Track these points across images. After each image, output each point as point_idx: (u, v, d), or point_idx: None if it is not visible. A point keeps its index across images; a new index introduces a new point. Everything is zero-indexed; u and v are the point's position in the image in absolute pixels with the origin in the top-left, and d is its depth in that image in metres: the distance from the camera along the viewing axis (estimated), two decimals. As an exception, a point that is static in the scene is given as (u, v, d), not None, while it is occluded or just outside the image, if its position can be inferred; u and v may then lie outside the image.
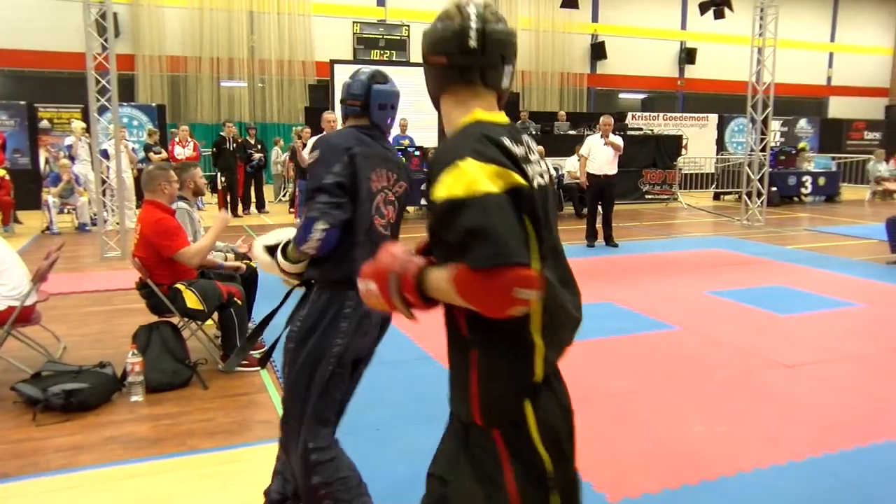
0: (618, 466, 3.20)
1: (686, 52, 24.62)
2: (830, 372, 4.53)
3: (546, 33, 22.43)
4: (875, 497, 2.96)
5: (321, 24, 20.22)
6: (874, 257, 8.68)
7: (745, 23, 13.82)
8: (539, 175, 1.56)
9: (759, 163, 12.25)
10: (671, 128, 18.34)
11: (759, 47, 12.06)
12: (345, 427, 3.61)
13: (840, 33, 27.60)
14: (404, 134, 14.25)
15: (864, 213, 14.04)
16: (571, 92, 23.10)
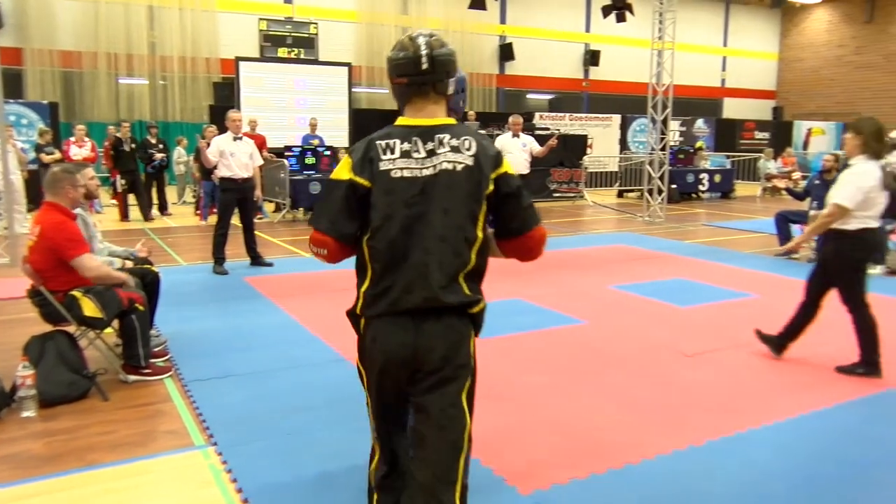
0: (529, 459, 3.26)
1: (590, 54, 25.35)
2: (727, 359, 4.78)
3: (456, 34, 22.60)
4: (769, 475, 3.14)
5: (226, 21, 19.65)
6: (765, 250, 9.21)
7: (646, 27, 14.36)
8: (409, 168, 2.06)
9: (659, 161, 12.76)
10: (577, 128, 18.87)
11: (658, 50, 12.56)
12: (257, 434, 3.54)
13: (732, 39, 29.12)
14: (314, 133, 14.03)
15: (756, 208, 14.87)
16: (481, 92, 23.38)
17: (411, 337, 2.07)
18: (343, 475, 3.11)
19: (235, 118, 7.79)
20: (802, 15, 29.36)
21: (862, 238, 4.38)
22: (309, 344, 5.10)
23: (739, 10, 28.97)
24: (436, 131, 2.11)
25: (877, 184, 4.31)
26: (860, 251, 4.45)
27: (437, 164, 2.06)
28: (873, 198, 4.32)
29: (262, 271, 7.73)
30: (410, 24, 21.94)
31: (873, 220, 4.39)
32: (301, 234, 10.76)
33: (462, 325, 2.15)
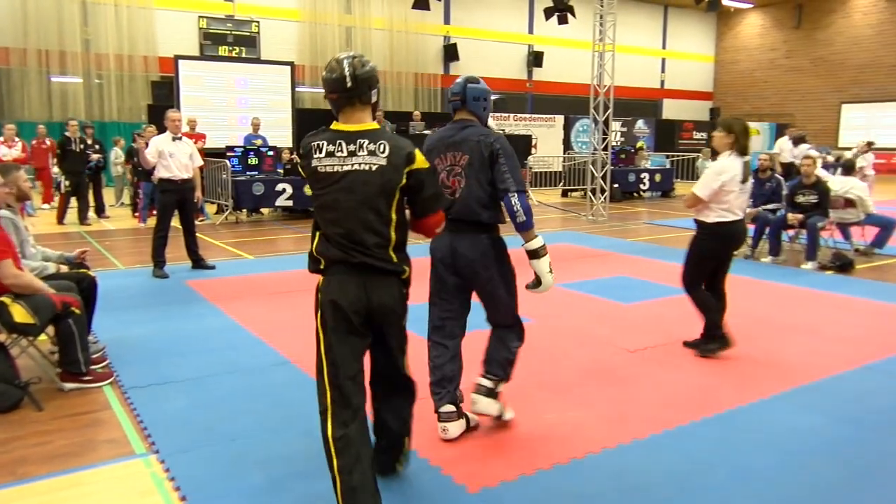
0: (476, 458, 3.28)
1: (534, 56, 25.66)
2: (668, 354, 4.89)
3: (400, 34, 22.58)
4: (709, 466, 3.22)
5: (164, 18, 19.17)
6: (703, 247, 9.46)
7: (587, 29, 14.60)
8: (332, 165, 2.64)
9: (601, 161, 13.00)
10: (521, 128, 19.05)
11: (599, 52, 12.78)
12: (201, 440, 3.46)
13: (670, 42, 29.88)
14: (256, 133, 13.81)
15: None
16: (426, 92, 23.41)
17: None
18: (288, 479, 3.07)
19: (175, 118, 7.61)
20: (737, 19, 30.33)
21: (715, 231, 4.71)
22: (252, 347, 5.01)
23: (677, 14, 29.74)
24: (358, 136, 2.66)
25: (733, 179, 4.61)
26: (711, 242, 4.77)
27: (356, 164, 2.63)
28: (728, 191, 4.63)
29: (203, 274, 7.57)
30: (354, 23, 21.82)
31: (731, 213, 4.69)
32: (244, 237, 10.58)
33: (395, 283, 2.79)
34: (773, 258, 8.47)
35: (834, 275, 7.77)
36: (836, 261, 8.03)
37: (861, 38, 26.42)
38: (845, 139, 26.54)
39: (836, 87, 27.19)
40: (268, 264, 8.26)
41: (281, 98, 17.02)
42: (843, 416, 3.81)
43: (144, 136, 8.72)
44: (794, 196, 8.37)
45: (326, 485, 3.01)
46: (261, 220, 12.83)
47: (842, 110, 27.07)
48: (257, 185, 12.03)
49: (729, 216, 4.69)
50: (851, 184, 8.75)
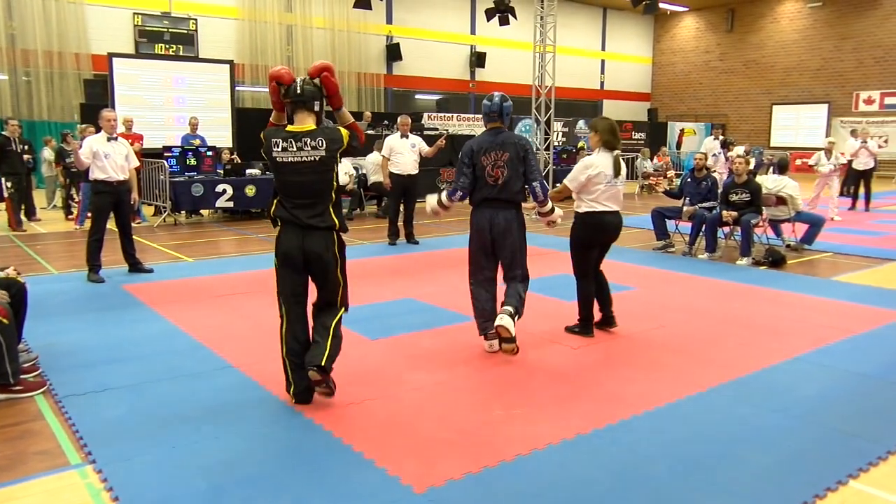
0: (422, 457, 3.29)
1: (476, 56, 25.81)
2: (610, 350, 5.00)
3: (341, 33, 22.40)
4: (646, 457, 3.31)
5: (96, 14, 18.55)
6: (643, 245, 9.70)
7: (529, 30, 14.76)
8: (287, 156, 3.75)
9: (543, 161, 13.16)
10: (465, 128, 19.15)
11: (540, 53, 12.95)
12: (141, 448, 3.37)
13: (609, 43, 30.47)
14: (195, 133, 13.50)
15: (635, 205, 15.62)
16: (369, 92, 23.28)
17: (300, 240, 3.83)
18: (233, 486, 3.01)
19: (110, 117, 7.38)
20: (673, 22, 31.14)
21: (584, 220, 5.22)
22: (193, 352, 4.91)
23: (616, 16, 30.35)
24: (302, 135, 3.75)
25: (599, 174, 5.10)
26: (582, 230, 5.24)
27: (303, 156, 3.74)
28: (596, 184, 5.12)
29: (141, 278, 7.37)
30: (294, 21, 21.56)
31: (599, 204, 5.17)
32: (184, 239, 10.35)
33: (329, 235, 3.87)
34: (709, 255, 8.73)
35: (767, 270, 8.06)
36: (769, 256, 8.33)
37: (788, 43, 27.46)
38: (777, 139, 27.57)
39: (767, 88, 28.20)
40: (208, 267, 8.09)
41: (220, 97, 16.67)
42: (775, 406, 3.96)
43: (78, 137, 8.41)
44: (728, 195, 8.65)
45: (271, 490, 2.98)
46: (200, 221, 12.56)
47: (773, 111, 28.08)
48: (196, 186, 11.77)
49: (597, 206, 5.17)
50: (784, 182, 9.10)
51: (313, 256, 3.79)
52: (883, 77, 25.08)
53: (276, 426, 3.66)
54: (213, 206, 12.16)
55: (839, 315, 6.02)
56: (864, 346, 5.15)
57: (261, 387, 4.21)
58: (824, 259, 8.86)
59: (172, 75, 16.29)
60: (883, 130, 24.44)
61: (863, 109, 25.70)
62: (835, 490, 3.03)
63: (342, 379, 4.36)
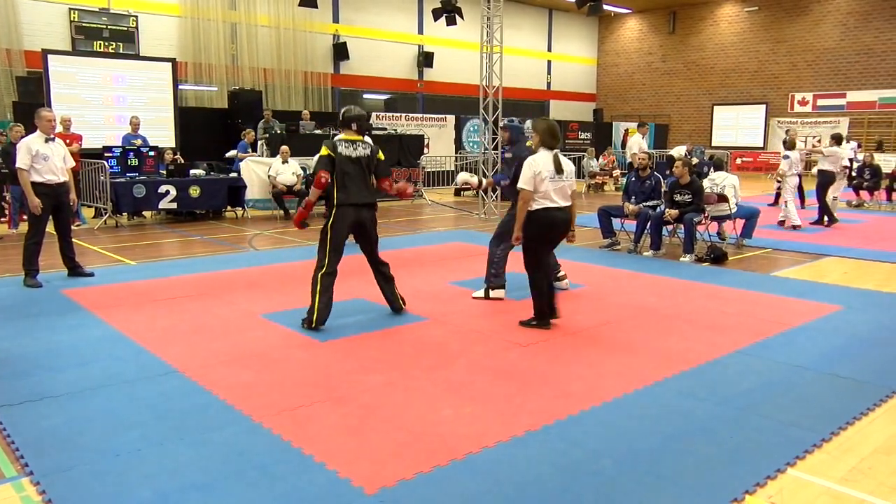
0: (373, 459, 3.27)
1: (424, 56, 25.80)
2: (558, 347, 5.06)
3: (287, 31, 22.10)
4: (594, 452, 3.36)
5: (29, 9, 17.86)
6: (590, 243, 9.85)
7: (476, 30, 14.83)
8: (353, 152, 5.44)
9: (492, 160, 13.25)
10: (413, 128, 19.13)
11: (487, 53, 13.03)
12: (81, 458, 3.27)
13: (555, 44, 30.85)
14: (136, 133, 13.15)
15: (581, 204, 15.83)
16: (316, 91, 23.04)
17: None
18: (178, 492, 2.95)
19: (49, 117, 7.13)
20: (616, 24, 31.71)
21: (535, 216, 5.39)
22: (137, 357, 4.78)
23: (561, 17, 30.74)
24: (357, 142, 5.46)
25: (542, 171, 5.34)
26: (535, 227, 5.41)
27: (362, 153, 5.42)
28: (541, 181, 5.33)
29: (81, 282, 7.14)
30: (238, 19, 21.20)
31: (548, 201, 5.38)
32: (126, 241, 10.07)
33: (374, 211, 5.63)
34: (654, 252, 8.92)
35: (709, 266, 8.28)
36: (711, 253, 8.56)
37: (727, 45, 28.26)
38: (718, 139, 28.33)
39: (707, 89, 28.96)
40: (151, 270, 7.89)
41: (162, 96, 16.27)
42: (717, 399, 4.07)
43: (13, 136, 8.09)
44: (672, 194, 8.87)
45: (219, 496, 2.93)
46: (143, 223, 12.24)
47: (713, 111, 28.85)
48: (138, 186, 11.46)
49: (547, 203, 5.38)
50: (723, 177, 9.38)
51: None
52: (815, 79, 26.03)
53: (223, 431, 3.59)
54: (156, 208, 11.87)
55: (777, 309, 6.23)
56: (800, 338, 5.34)
57: (206, 391, 4.13)
58: (763, 255, 9.15)
59: (112, 73, 15.84)
60: (816, 131, 25.37)
61: (798, 110, 26.63)
62: (774, 478, 3.14)
63: (291, 382, 4.31)
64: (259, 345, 5.08)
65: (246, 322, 5.71)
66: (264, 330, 5.48)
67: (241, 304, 6.27)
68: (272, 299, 6.43)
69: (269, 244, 10.07)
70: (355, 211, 5.42)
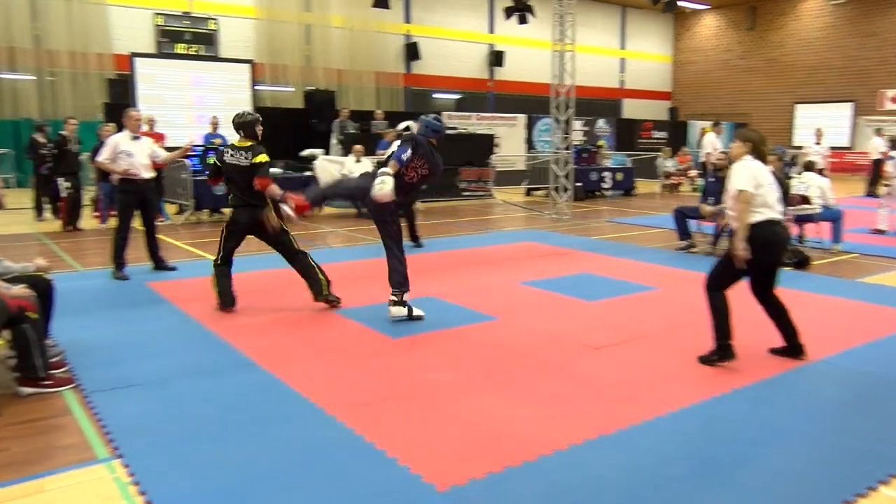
0: (444, 457, 3.29)
1: (494, 55, 25.76)
2: (631, 351, 4.97)
3: (360, 32, 22.45)
4: (667, 459, 3.29)
5: (118, 15, 18.75)
6: (665, 245, 9.63)
7: (547, 28, 14.71)
8: (234, 159, 5.87)
9: (564, 160, 13.12)
10: (483, 127, 19.12)
11: (559, 52, 12.90)
12: (164, 443, 3.41)
13: (629, 42, 30.31)
14: (215, 132, 13.60)
15: (656, 205, 15.52)
16: (387, 91, 23.32)
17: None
18: (253, 482, 3.04)
19: (136, 116, 7.46)
20: (693, 20, 30.90)
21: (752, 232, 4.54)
22: (216, 349, 4.95)
23: (635, 14, 30.18)
24: (241, 149, 5.87)
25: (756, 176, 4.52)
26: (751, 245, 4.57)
27: (242, 159, 5.81)
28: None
29: (165, 276, 7.44)
30: (313, 21, 21.65)
31: (770, 210, 4.54)
32: (206, 237, 10.43)
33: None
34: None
35: (792, 271, 7.97)
36: (794, 257, 8.23)
37: (810, 41, 27.15)
38: (799, 138, 27.25)
39: (789, 87, 27.89)
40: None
41: (240, 96, 16.79)
42: (800, 409, 3.92)
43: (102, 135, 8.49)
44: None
45: (292, 487, 3.00)
46: (222, 220, 12.61)
47: (795, 110, 27.76)
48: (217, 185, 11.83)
49: (768, 213, 4.55)
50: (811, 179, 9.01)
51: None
52: (908, 75, 24.75)
53: (298, 423, 3.68)
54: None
55: (865, 316, 5.95)
56: (889, 349, 5.08)
57: (282, 384, 4.24)
58: (849, 260, 8.74)
59: (193, 75, 16.44)
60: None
61: (890, 108, 25.34)
62: (865, 496, 2.99)
63: (363, 377, 4.38)
64: (332, 340, 5.18)
65: (320, 317, 5.84)
66: (337, 325, 5.59)
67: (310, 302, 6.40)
68: (345, 296, 6.54)
69: (342, 241, 10.25)
70: (238, 212, 5.95)
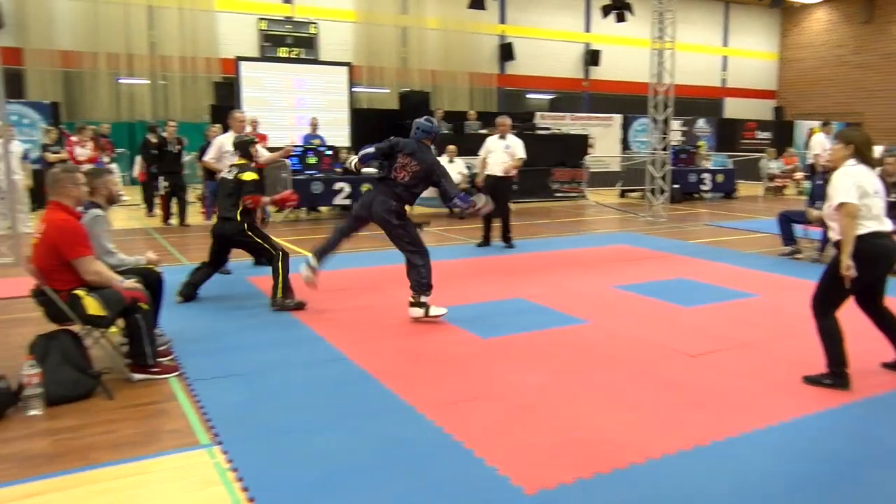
0: (532, 459, 3.26)
1: (590, 54, 25.37)
2: (729, 359, 4.77)
3: (455, 33, 22.61)
4: (766, 473, 3.14)
5: (225, 21, 19.67)
6: (768, 250, 9.21)
7: (646, 26, 14.36)
8: (228, 175, 6.42)
9: (661, 161, 12.77)
10: (578, 128, 18.87)
11: (658, 50, 12.56)
12: (261, 432, 3.54)
13: (732, 39, 29.15)
14: (315, 133, 14.03)
15: (759, 208, 14.87)
16: (480, 92, 23.38)
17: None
18: (342, 473, 3.11)
19: (240, 117, 7.79)
20: (802, 14, 29.40)
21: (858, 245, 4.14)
22: (311, 343, 5.10)
23: (738, 10, 29.01)
24: (236, 166, 6.39)
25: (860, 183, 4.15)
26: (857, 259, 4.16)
27: (230, 177, 6.26)
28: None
29: (264, 271, 7.69)
30: (409, 23, 21.97)
31: (876, 222, 4.19)
32: (303, 234, 10.77)
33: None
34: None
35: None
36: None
37: (936, 34, 25.31)
38: (918, 139, 25.46)
39: (909, 84, 26.09)
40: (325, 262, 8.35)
41: (338, 98, 17.23)
42: (917, 427, 3.65)
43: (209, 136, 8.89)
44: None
45: (381, 480, 3.05)
46: (318, 217, 13.03)
47: (915, 109, 25.96)
48: (316, 183, 12.23)
49: (875, 225, 4.19)
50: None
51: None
52: None
53: (388, 418, 3.74)
54: (331, 204, 12.59)
55: None
56: None
57: (373, 379, 4.31)
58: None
59: (294, 77, 17.00)
60: None
61: None
62: None
63: (452, 376, 4.40)
64: (422, 338, 5.24)
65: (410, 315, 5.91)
66: (428, 324, 5.64)
67: (406, 298, 6.49)
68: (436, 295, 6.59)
69: (433, 241, 10.35)
70: (216, 224, 6.47)
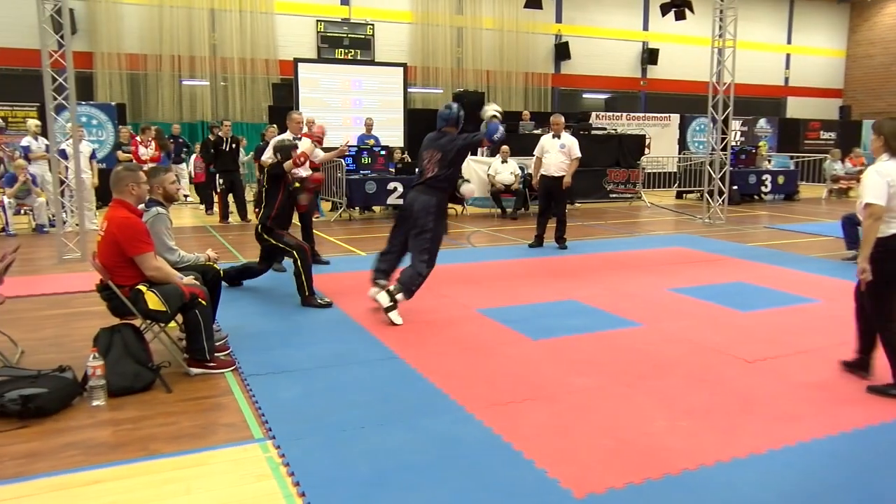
0: (582, 462, 3.23)
1: (648, 53, 24.95)
2: (788, 366, 4.63)
3: (510, 33, 22.54)
4: (832, 487, 3.03)
5: (284, 23, 20.04)
6: (831, 254, 8.90)
7: (706, 24, 14.05)
8: None
9: (720, 162, 12.48)
10: (634, 127, 18.57)
11: (719, 48, 12.28)
12: (313, 428, 3.60)
13: (796, 36, 28.25)
14: (369, 133, 14.17)
15: (821, 210, 14.39)
16: (536, 91, 23.25)
17: None
18: (393, 472, 3.13)
19: (298, 119, 7.92)
20: (874, 10, 28.29)
21: (888, 246, 4.15)
22: (363, 341, 5.16)
23: (804, 7, 28.10)
24: None
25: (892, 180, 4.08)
26: (889, 260, 4.17)
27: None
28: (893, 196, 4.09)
29: (318, 269, 7.82)
30: (465, 24, 21.98)
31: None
32: (357, 234, 10.90)
33: None
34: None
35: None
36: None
37: None
38: None
39: None
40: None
41: (393, 99, 17.37)
42: None
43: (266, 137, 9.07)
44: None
45: (431, 480, 3.07)
46: (372, 217, 13.17)
47: None
48: (370, 183, 12.36)
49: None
50: None
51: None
52: None
53: (438, 418, 3.75)
54: (385, 203, 12.71)
55: None
56: None
57: (423, 378, 4.34)
58: None
59: (350, 78, 17.21)
60: None
61: None
62: None
63: (502, 377, 4.39)
64: (473, 338, 5.24)
65: (462, 315, 5.91)
66: (479, 324, 5.64)
67: (459, 298, 6.50)
68: (487, 295, 6.59)
69: (486, 241, 10.33)
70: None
